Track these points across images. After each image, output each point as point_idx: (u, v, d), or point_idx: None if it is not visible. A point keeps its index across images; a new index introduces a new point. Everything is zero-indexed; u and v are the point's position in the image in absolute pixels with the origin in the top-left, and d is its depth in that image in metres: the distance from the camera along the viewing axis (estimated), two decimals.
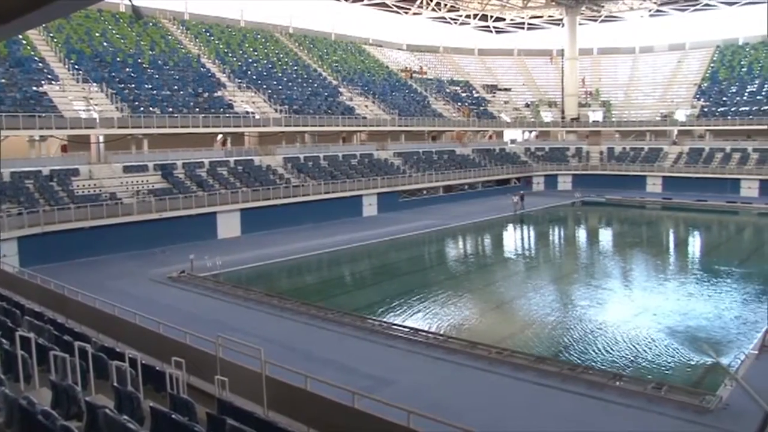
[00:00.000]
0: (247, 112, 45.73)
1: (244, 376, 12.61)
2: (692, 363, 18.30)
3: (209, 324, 18.75)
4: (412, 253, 37.46)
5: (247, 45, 58.84)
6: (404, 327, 20.49)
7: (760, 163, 58.84)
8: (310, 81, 57.68)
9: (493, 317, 24.26)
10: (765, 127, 61.53)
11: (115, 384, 10.82)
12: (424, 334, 19.68)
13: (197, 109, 42.87)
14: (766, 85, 68.05)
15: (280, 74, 55.98)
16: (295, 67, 58.93)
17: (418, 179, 51.78)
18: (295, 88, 54.61)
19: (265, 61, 57.04)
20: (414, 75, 72.60)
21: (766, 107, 63.76)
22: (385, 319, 21.80)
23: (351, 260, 34.32)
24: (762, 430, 12.95)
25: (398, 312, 23.28)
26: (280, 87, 53.24)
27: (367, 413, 10.95)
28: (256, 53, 58.02)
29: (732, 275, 30.27)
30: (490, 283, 30.48)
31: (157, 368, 12.69)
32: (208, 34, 57.51)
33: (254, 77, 52.77)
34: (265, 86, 51.62)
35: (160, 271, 28.31)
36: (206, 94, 45.94)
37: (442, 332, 20.35)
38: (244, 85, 50.31)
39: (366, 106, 57.82)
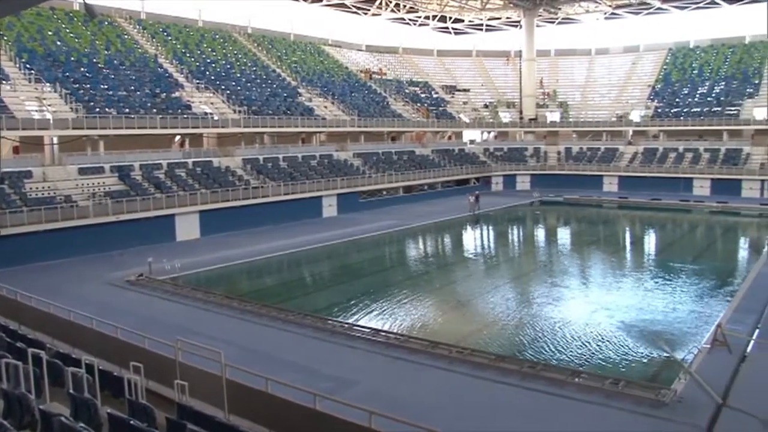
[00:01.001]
0: (206, 113, 45.32)
1: (204, 380, 12.57)
2: (648, 358, 18.81)
3: (168, 328, 18.59)
4: (372, 254, 37.60)
5: (205, 45, 58.28)
6: (365, 327, 20.58)
7: (711, 163, 60.48)
8: (269, 82, 57.39)
9: (454, 316, 24.49)
10: (715, 127, 63.31)
11: (71, 391, 10.70)
12: (384, 334, 19.79)
13: (154, 110, 42.31)
14: (716, 87, 69.93)
15: (238, 75, 55.58)
16: (254, 68, 58.57)
17: (378, 180, 51.94)
18: (254, 88, 54.28)
19: (224, 62, 56.57)
20: (373, 76, 72.71)
21: (716, 108, 65.56)
22: (346, 320, 21.85)
23: (311, 261, 34.29)
24: (714, 421, 13.39)
25: (359, 313, 23.37)
26: (238, 88, 52.86)
27: (328, 414, 11.03)
28: (214, 53, 57.49)
29: (686, 272, 31.12)
30: (449, 282, 30.77)
31: (115, 374, 12.59)
32: (165, 33, 56.81)
33: (212, 78, 52.30)
34: (223, 87, 51.20)
35: (117, 275, 27.93)
36: (164, 95, 45.37)
37: (402, 332, 20.49)
38: (203, 86, 49.83)
39: (325, 106, 57.75)
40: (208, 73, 52.83)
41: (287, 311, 22.14)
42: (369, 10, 74.49)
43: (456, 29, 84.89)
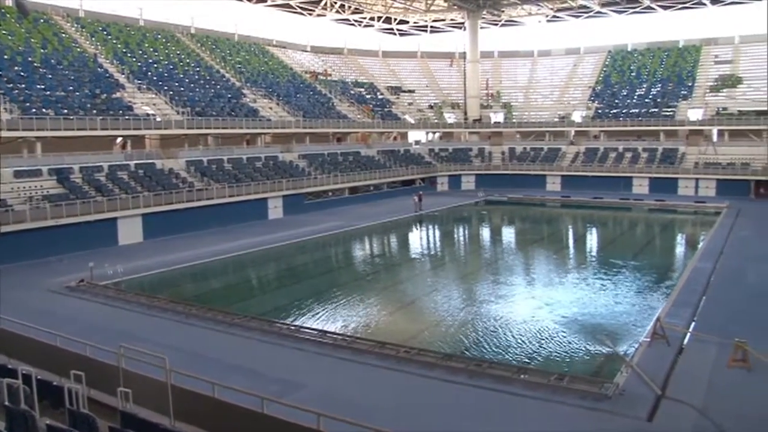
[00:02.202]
0: (148, 114, 44.49)
1: (149, 387, 12.36)
2: (592, 353, 19.27)
3: (111, 334, 18.23)
4: (318, 255, 37.53)
5: (146, 45, 57.18)
6: (312, 329, 20.53)
7: (650, 162, 62.30)
8: (213, 82, 56.68)
9: (401, 316, 24.63)
10: (653, 128, 65.24)
11: (7, 403, 10.39)
12: (332, 335, 19.76)
13: (94, 111, 41.32)
14: (653, 89, 72.03)
15: (181, 75, 54.74)
16: (197, 68, 57.76)
17: (324, 181, 51.84)
18: (197, 89, 53.53)
19: (166, 62, 55.63)
20: (318, 77, 72.52)
21: (653, 110, 67.56)
22: (292, 323, 21.74)
23: (257, 264, 34.02)
24: (654, 411, 13.85)
25: (306, 314, 23.30)
26: (182, 88, 52.07)
27: (276, 418, 10.99)
28: (156, 54, 56.47)
29: (627, 268, 31.95)
30: (396, 282, 30.91)
31: (55, 383, 12.25)
32: (104, 32, 55.53)
33: (155, 78, 51.38)
34: (166, 88, 50.36)
35: (57, 281, 27.16)
36: (104, 96, 44.33)
37: (350, 333, 20.52)
38: (144, 87, 48.92)
39: (270, 108, 57.37)
40: (150, 73, 51.88)
41: (233, 315, 21.89)
42: (314, 10, 74.28)
43: (401, 30, 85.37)
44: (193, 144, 48.97)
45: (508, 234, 48.75)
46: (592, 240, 45.09)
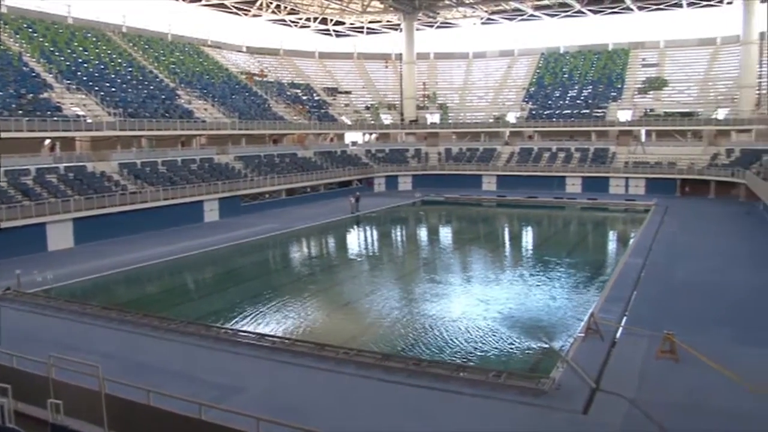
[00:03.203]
0: (78, 116, 43.22)
1: (81, 397, 12.03)
2: (529, 349, 19.64)
3: (40, 344, 17.65)
4: (256, 258, 37.13)
5: (76, 44, 55.46)
6: (251, 333, 20.32)
7: (582, 162, 63.92)
8: (146, 83, 55.46)
9: (340, 318, 24.62)
10: (584, 128, 66.99)
11: None
12: (270, 339, 19.58)
13: (20, 112, 39.86)
14: (584, 91, 73.95)
15: (113, 75, 53.35)
16: (130, 69, 56.40)
17: (260, 183, 51.32)
18: (129, 90, 52.28)
19: (97, 62, 54.12)
20: (254, 77, 71.82)
21: (585, 111, 69.35)
22: (230, 327, 21.48)
23: (194, 268, 33.39)
24: (589, 404, 14.25)
25: (244, 318, 23.03)
26: (113, 89, 50.76)
27: (214, 424, 10.87)
28: (86, 53, 54.84)
29: (561, 265, 32.73)
30: (334, 284, 30.89)
31: None
32: (30, 30, 53.62)
33: (85, 78, 49.93)
34: (97, 88, 48.99)
35: None
36: (30, 96, 42.82)
37: (289, 336, 20.41)
38: (74, 87, 47.47)
39: (205, 109, 56.52)
40: (79, 73, 50.39)
41: (169, 320, 21.45)
42: (249, 11, 73.49)
43: (337, 31, 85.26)
44: (126, 146, 47.79)
45: (445, 234, 49.22)
46: (528, 238, 45.96)
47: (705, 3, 70.74)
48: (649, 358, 16.98)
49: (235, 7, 72.09)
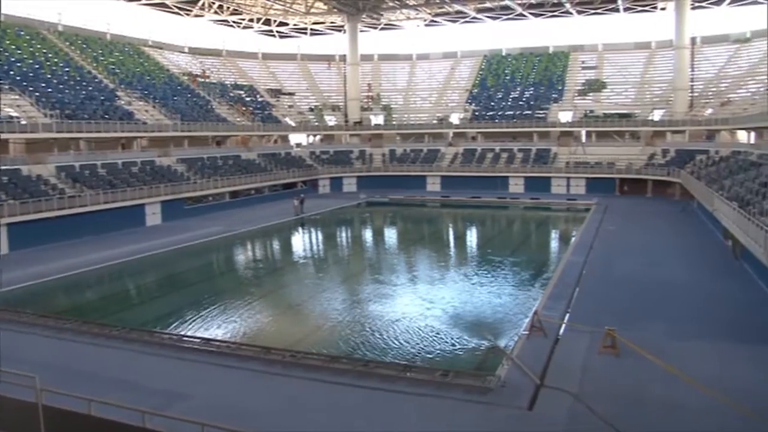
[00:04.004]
0: (11, 117, 41.88)
1: (16, 410, 11.59)
2: (475, 348, 19.84)
3: None
4: (200, 262, 36.57)
5: (8, 42, 53.64)
6: (195, 338, 20.01)
7: (524, 162, 64.96)
8: (84, 84, 54.11)
9: (286, 321, 24.44)
10: (526, 129, 68.13)
11: None
12: (216, 343, 19.35)
13: None
14: (526, 92, 75.23)
15: (49, 75, 51.88)
16: (67, 69, 54.94)
17: (204, 185, 50.56)
18: (67, 91, 50.92)
19: (31, 61, 52.54)
20: (197, 79, 70.80)
21: (527, 112, 70.55)
22: (175, 332, 21.13)
23: (136, 273, 32.65)
24: (534, 400, 14.50)
25: (189, 323, 22.64)
26: (49, 90, 49.36)
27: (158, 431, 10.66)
28: (19, 52, 53.15)
29: (505, 264, 33.16)
30: (280, 287, 30.65)
31: None
32: None
33: (18, 78, 48.39)
34: (31, 88, 47.55)
35: None
36: None
37: (234, 340, 20.19)
38: (7, 87, 45.90)
39: (146, 110, 55.48)
40: (12, 73, 48.81)
41: (111, 327, 20.89)
42: (191, 11, 72.30)
43: (280, 33, 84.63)
44: (64, 148, 46.47)
45: (390, 234, 49.39)
46: (472, 238, 46.45)
47: (640, 8, 72.85)
48: (591, 353, 17.38)
49: (177, 7, 70.84)
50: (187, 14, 73.15)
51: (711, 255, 31.71)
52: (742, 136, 59.66)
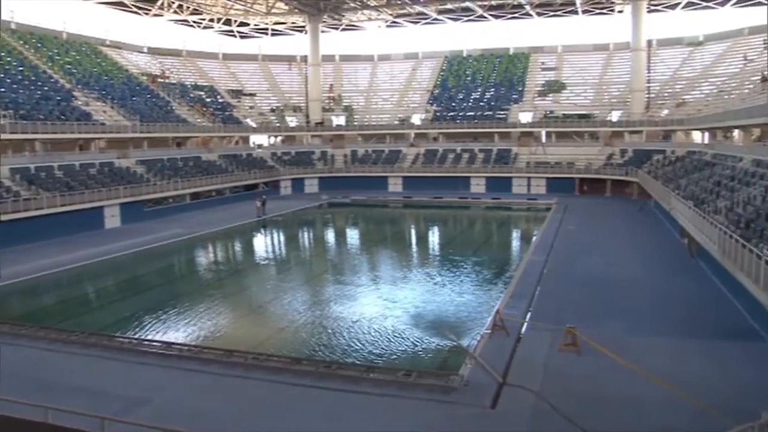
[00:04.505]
0: None
1: None
2: (437, 347, 19.94)
3: None
4: (160, 265, 36.08)
5: None
6: (156, 342, 19.78)
7: (485, 162, 65.49)
8: (39, 84, 53.00)
9: (248, 323, 24.26)
10: (487, 130, 68.69)
11: None
12: (177, 347, 19.13)
13: None
14: (487, 93, 75.81)
15: (2, 75, 50.66)
16: (21, 68, 53.74)
17: (164, 187, 49.89)
18: (21, 91, 49.79)
19: None
20: (156, 79, 69.88)
21: (488, 113, 71.12)
22: (135, 336, 20.82)
23: (94, 276, 32.04)
24: (497, 399, 14.64)
25: (149, 327, 22.33)
26: (2, 89, 48.21)
27: None
28: None
29: (468, 264, 33.38)
30: (242, 289, 30.35)
31: None
32: None
33: None
34: None
35: None
36: None
37: (196, 343, 19.98)
38: None
39: (104, 111, 54.58)
40: None
41: (69, 332, 20.47)
42: (150, 10, 71.29)
43: (241, 33, 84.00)
44: (18, 150, 45.45)
45: (353, 235, 49.38)
46: (434, 238, 46.67)
47: (598, 11, 73.95)
48: (553, 351, 17.60)
49: (135, 6, 69.80)
50: (146, 13, 72.13)
51: (668, 253, 32.34)
52: (697, 136, 61.06)
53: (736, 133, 49.95)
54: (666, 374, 15.39)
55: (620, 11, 72.68)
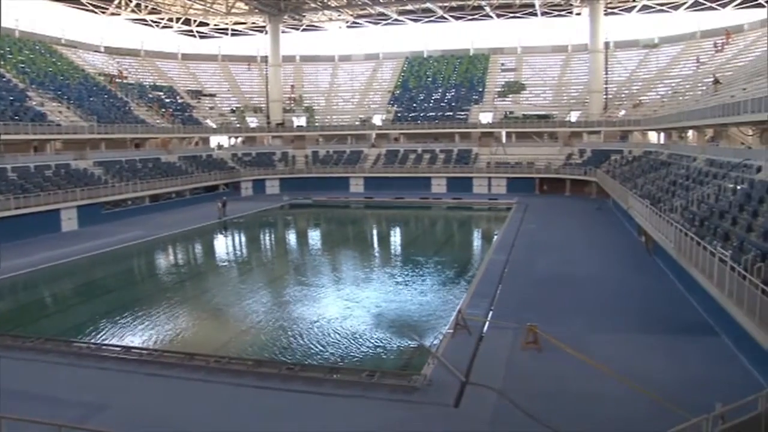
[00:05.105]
0: None
1: None
2: (400, 347, 20.01)
3: None
4: (120, 268, 35.45)
5: None
6: (116, 346, 19.46)
7: (446, 163, 65.88)
8: None
9: (210, 326, 24.04)
10: (448, 130, 69.12)
11: None
12: (137, 351, 18.86)
13: None
14: (447, 94, 76.25)
15: None
16: None
17: (122, 189, 49.08)
18: None
19: None
20: (114, 79, 68.76)
21: (448, 113, 71.54)
22: (93, 341, 20.46)
23: (50, 281, 31.34)
24: (460, 397, 14.75)
25: (108, 331, 21.97)
26: None
27: None
28: None
29: (430, 264, 33.56)
30: (203, 291, 30.09)
31: None
32: None
33: None
34: None
35: None
36: None
37: (156, 347, 19.73)
38: None
39: (60, 111, 53.53)
40: None
41: (24, 338, 20.03)
42: (107, 9, 70.04)
43: (201, 33, 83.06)
44: None
45: (314, 236, 49.21)
46: (396, 238, 46.77)
47: (557, 13, 74.88)
48: (514, 349, 17.78)
49: (92, 5, 68.54)
50: (103, 12, 70.87)
51: (626, 251, 32.91)
52: (653, 136, 62.27)
53: (690, 133, 51.01)
54: (624, 369, 15.68)
55: (578, 13, 73.74)
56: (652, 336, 18.99)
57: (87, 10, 69.76)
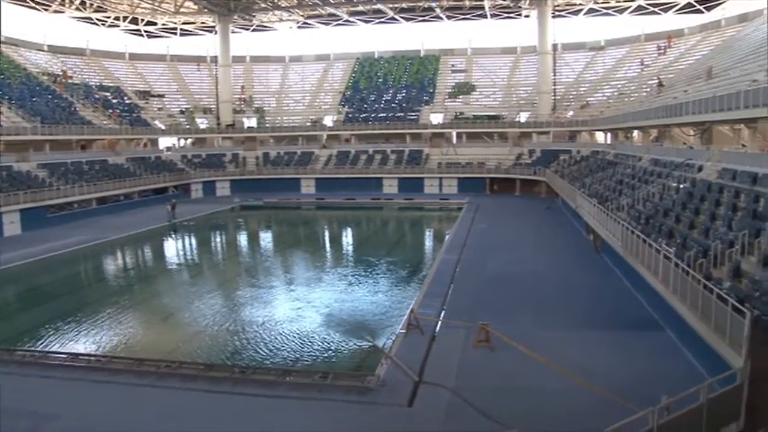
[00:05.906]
0: None
1: None
2: (354, 348, 20.02)
3: None
4: (65, 273, 34.50)
5: None
6: (62, 353, 19.02)
7: (398, 163, 66.13)
8: None
9: (160, 330, 23.65)
10: (399, 131, 69.41)
11: None
12: (85, 358, 18.45)
13: None
14: (398, 95, 76.56)
15: None
16: None
17: (68, 192, 47.92)
18: None
19: None
20: (59, 79, 67.10)
21: (399, 114, 71.84)
22: (38, 349, 19.92)
23: None
24: (413, 396, 14.84)
25: (54, 338, 21.42)
26: None
27: None
28: None
29: (382, 264, 33.62)
30: (152, 295, 29.60)
31: None
32: None
33: None
34: None
35: None
36: None
37: (105, 353, 19.32)
38: None
39: (1, 112, 51.99)
40: None
41: None
42: (50, 6, 68.40)
43: (149, 32, 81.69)
44: None
45: (266, 238, 48.83)
46: (348, 239, 46.74)
47: (506, 15, 75.91)
48: (467, 348, 17.94)
49: (34, 2, 66.75)
50: (46, 9, 69.16)
51: (575, 249, 33.48)
52: (600, 137, 63.58)
53: (636, 133, 52.21)
54: (573, 365, 15.96)
55: (527, 16, 74.88)
56: (599, 332, 19.39)
57: (29, 7, 67.99)
